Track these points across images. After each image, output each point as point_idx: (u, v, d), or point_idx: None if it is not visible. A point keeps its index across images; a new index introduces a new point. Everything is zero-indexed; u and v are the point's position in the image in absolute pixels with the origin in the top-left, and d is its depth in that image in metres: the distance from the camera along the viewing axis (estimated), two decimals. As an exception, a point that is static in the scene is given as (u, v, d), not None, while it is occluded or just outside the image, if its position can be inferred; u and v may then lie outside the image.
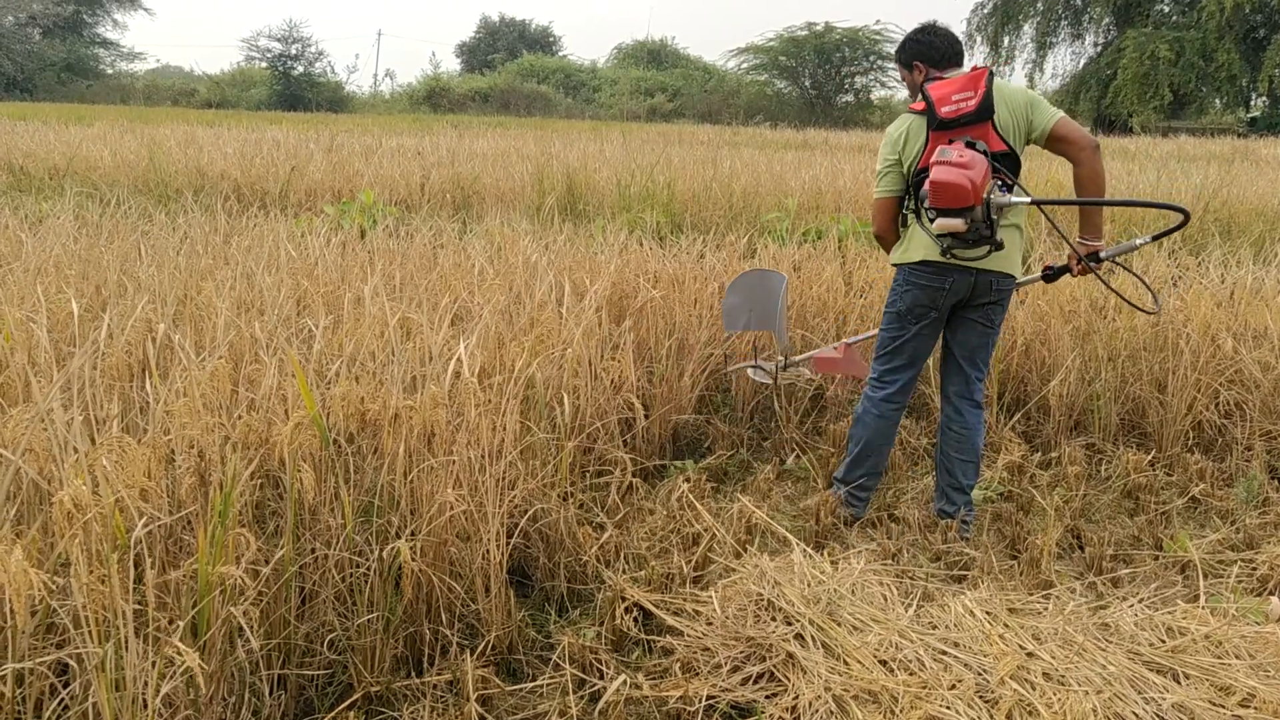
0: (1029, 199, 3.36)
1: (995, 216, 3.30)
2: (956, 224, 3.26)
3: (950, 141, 3.33)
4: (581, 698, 2.63)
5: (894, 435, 3.86)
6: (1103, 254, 3.60)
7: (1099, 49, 44.57)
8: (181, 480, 2.37)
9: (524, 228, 6.54)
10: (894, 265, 3.68)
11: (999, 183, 3.35)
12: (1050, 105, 3.48)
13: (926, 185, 3.25)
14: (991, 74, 3.41)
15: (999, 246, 3.39)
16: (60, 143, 13.30)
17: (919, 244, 3.55)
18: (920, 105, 3.48)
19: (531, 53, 63.44)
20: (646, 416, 4.29)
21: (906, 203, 3.60)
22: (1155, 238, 3.65)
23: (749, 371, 4.64)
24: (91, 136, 14.54)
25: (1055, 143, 3.45)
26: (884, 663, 2.42)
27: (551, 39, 72.22)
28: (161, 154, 11.54)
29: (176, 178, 10.42)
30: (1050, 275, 3.78)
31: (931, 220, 3.31)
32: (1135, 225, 8.64)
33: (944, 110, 3.37)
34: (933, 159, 3.26)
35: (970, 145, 3.30)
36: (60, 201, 7.23)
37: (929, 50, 3.63)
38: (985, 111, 3.34)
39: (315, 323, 3.27)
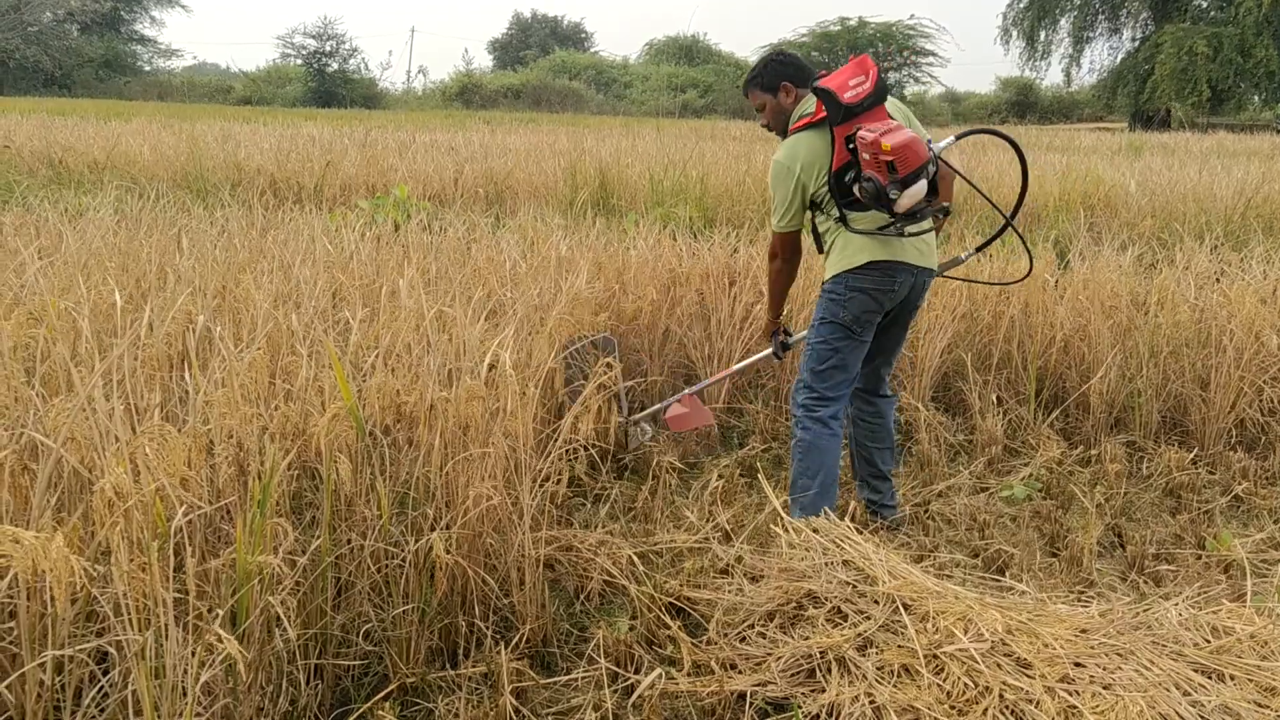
0: (954, 137, 3.28)
1: (934, 169, 3.14)
2: (922, 187, 3.07)
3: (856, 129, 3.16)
4: (615, 691, 2.62)
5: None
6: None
7: (1136, 44, 43.97)
8: (220, 470, 2.38)
9: (556, 222, 6.54)
10: (832, 276, 3.45)
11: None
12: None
13: (879, 159, 3.02)
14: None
15: (947, 212, 3.31)
16: (100, 137, 13.46)
17: (858, 247, 3.38)
18: (808, 119, 3.34)
19: (563, 49, 63.51)
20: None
21: (826, 215, 3.44)
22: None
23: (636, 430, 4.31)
24: (130, 132, 14.70)
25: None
26: (934, 657, 2.39)
27: (583, 35, 72.36)
28: (200, 149, 11.64)
29: (214, 173, 10.51)
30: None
31: (892, 201, 3.06)
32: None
33: (847, 96, 3.18)
34: (870, 135, 3.04)
35: None
36: (100, 195, 7.31)
37: (796, 72, 3.51)
38: (881, 93, 3.23)
39: (351, 315, 3.28)
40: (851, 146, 3.16)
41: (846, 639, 2.47)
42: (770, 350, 3.93)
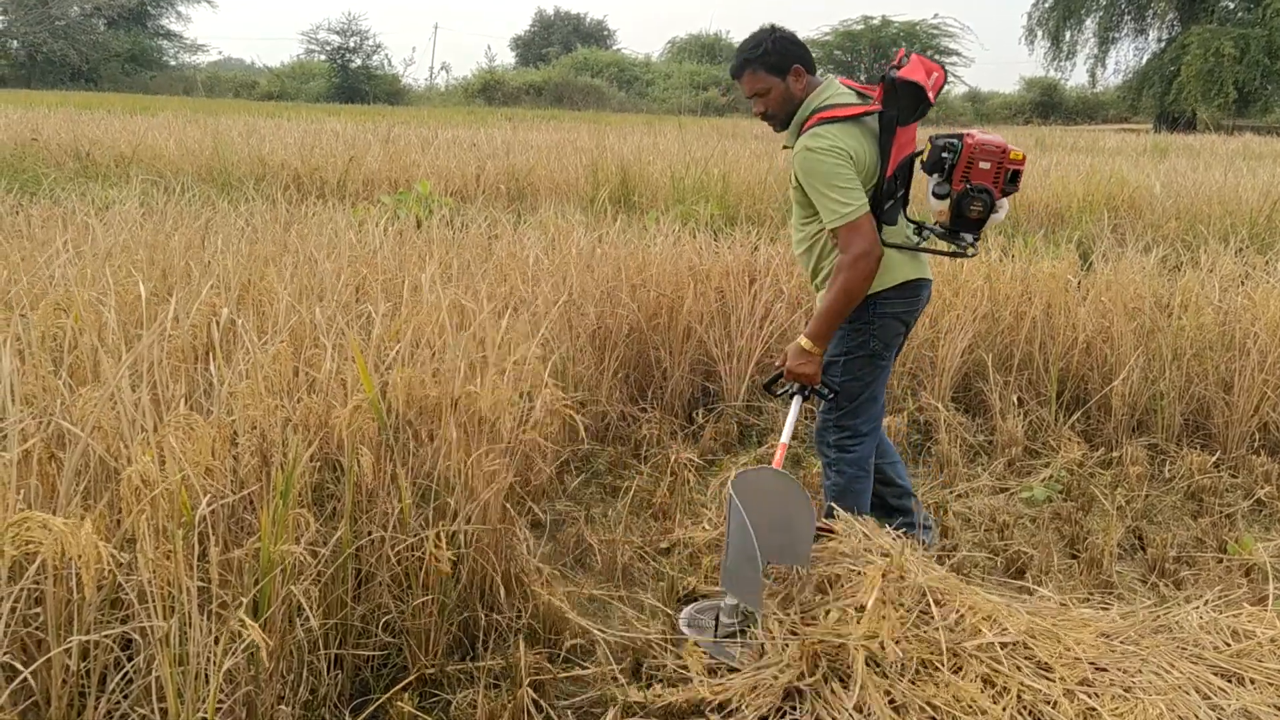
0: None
1: None
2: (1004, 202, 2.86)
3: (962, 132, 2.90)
4: (635, 683, 2.63)
5: None
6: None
7: (1162, 45, 43.64)
8: (244, 460, 2.40)
9: (578, 219, 6.55)
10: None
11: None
12: None
13: (1005, 167, 2.77)
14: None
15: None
16: (126, 132, 13.56)
17: (887, 265, 2.99)
18: (849, 109, 2.94)
19: (586, 46, 63.58)
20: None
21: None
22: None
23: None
24: (156, 126, 14.80)
25: None
26: (954, 654, 2.39)
27: (606, 33, 72.43)
28: (225, 143, 11.72)
29: (239, 167, 10.57)
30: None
31: (991, 211, 2.80)
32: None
33: (933, 94, 2.87)
34: (995, 140, 2.80)
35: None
36: (126, 188, 7.37)
37: (806, 54, 3.06)
38: None
39: (374, 309, 3.29)
40: (943, 144, 2.83)
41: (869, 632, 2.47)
42: (801, 398, 3.18)
